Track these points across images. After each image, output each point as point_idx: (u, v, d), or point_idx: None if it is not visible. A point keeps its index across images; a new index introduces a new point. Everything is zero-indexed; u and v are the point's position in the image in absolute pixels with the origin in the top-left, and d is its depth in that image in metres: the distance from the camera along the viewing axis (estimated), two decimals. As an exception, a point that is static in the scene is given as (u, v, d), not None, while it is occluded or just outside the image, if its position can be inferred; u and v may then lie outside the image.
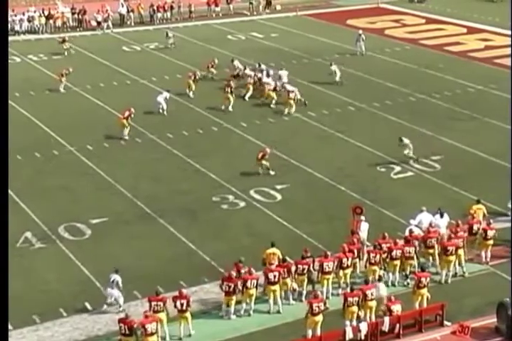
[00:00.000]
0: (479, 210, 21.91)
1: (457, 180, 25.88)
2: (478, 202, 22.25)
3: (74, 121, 31.81)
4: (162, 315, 17.70)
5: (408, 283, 19.66)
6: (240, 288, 18.49)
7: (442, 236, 20.75)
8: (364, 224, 21.11)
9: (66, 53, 41.27)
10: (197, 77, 34.73)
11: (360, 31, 41.45)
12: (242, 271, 18.82)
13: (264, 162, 26.45)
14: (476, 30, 46.17)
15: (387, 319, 17.72)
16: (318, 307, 17.45)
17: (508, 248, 21.50)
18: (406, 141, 27.45)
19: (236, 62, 36.62)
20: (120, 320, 17.14)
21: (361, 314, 17.92)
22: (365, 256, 19.97)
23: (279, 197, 25.13)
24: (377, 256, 19.61)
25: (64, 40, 41.88)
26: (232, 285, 18.35)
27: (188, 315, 17.97)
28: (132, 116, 30.05)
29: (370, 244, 20.73)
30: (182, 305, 17.86)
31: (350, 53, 41.06)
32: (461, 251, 20.24)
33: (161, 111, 32.20)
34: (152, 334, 17.02)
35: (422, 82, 36.56)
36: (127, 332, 16.97)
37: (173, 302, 17.87)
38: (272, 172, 26.36)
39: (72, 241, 22.44)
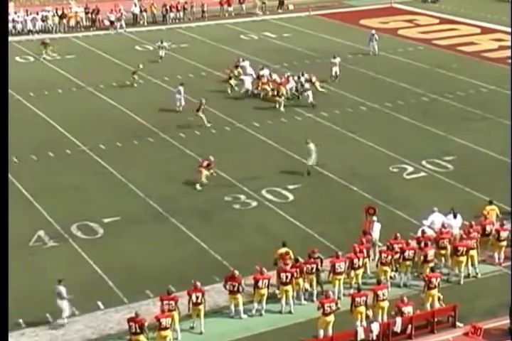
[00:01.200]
0: (492, 211, 21.83)
1: (470, 180, 25.79)
2: (491, 202, 22.16)
3: (87, 121, 31.91)
4: (174, 314, 17.73)
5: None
6: (244, 286, 18.49)
7: (455, 236, 20.69)
8: (376, 224, 21.08)
9: (42, 59, 40.26)
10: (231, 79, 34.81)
11: (373, 31, 41.38)
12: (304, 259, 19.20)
13: (206, 172, 25.50)
14: (490, 30, 45.99)
15: (399, 319, 17.69)
16: (330, 307, 17.45)
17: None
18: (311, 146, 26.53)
19: (246, 63, 36.39)
20: (130, 319, 17.19)
21: (370, 313, 17.88)
22: (377, 256, 19.97)
23: (291, 197, 25.13)
24: (389, 257, 19.58)
25: (44, 43, 40.87)
26: (236, 285, 18.38)
27: (202, 307, 18.04)
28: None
29: (382, 245, 20.71)
30: (197, 297, 17.94)
31: (362, 53, 40.99)
32: (474, 252, 20.17)
33: (178, 104, 32.37)
34: (166, 328, 17.10)
35: (434, 82, 36.46)
36: (137, 330, 17.02)
37: (189, 296, 17.96)
38: (198, 188, 25.17)
39: (84, 240, 22.53)
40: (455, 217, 21.35)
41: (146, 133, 30.37)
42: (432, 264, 19.70)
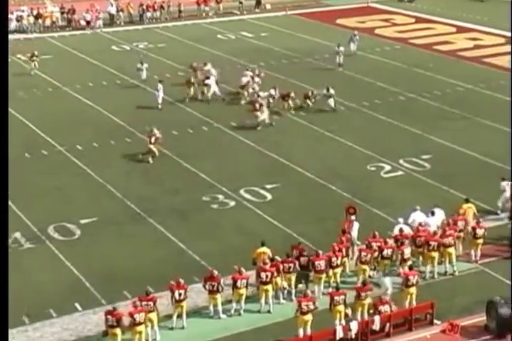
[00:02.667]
0: (469, 209, 21.97)
1: (447, 179, 25.94)
2: (467, 201, 22.30)
3: (63, 121, 31.71)
4: (153, 315, 17.68)
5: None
6: (223, 286, 18.49)
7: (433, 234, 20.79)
8: (355, 223, 21.14)
9: (32, 72, 37.49)
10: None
11: (356, 32, 41.21)
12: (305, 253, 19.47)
13: (152, 147, 27.26)
14: (465, 29, 46.31)
15: (377, 318, 17.74)
16: (307, 306, 17.47)
17: (497, 246, 21.58)
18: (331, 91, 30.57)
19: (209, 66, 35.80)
20: (107, 312, 17.18)
21: (348, 312, 17.94)
22: (356, 255, 20.01)
23: (269, 196, 25.12)
24: (368, 255, 19.63)
25: (33, 56, 37.79)
26: (215, 284, 18.37)
27: (184, 304, 18.11)
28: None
29: (360, 243, 20.77)
30: (180, 294, 18.02)
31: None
32: (451, 250, 20.29)
33: (160, 101, 32.47)
34: (140, 323, 17.09)
35: (411, 81, 36.65)
36: (115, 323, 17.03)
37: (171, 293, 17.99)
38: (151, 161, 27.15)
39: (61, 241, 22.37)
40: (433, 214, 21.45)
41: (123, 134, 30.24)
42: (409, 262, 19.78)
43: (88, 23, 47.38)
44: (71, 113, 32.72)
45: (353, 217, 21.25)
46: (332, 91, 32.19)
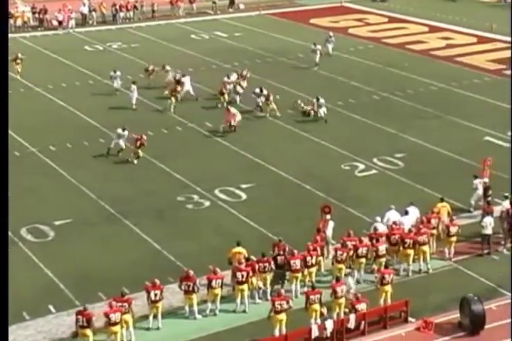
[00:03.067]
0: (444, 208, 22.12)
1: (421, 177, 26.10)
2: (442, 200, 22.45)
3: (36, 122, 31.44)
4: (128, 317, 17.60)
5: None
6: (199, 286, 18.47)
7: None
8: (330, 222, 21.20)
9: (19, 77, 36.15)
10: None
11: (331, 33, 40.92)
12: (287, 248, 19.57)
13: (139, 151, 27.15)
14: (438, 28, 46.66)
15: (352, 316, 17.81)
16: (281, 305, 17.48)
17: (471, 244, 21.78)
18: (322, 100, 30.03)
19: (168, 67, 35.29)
20: (78, 312, 17.09)
21: (324, 311, 17.99)
22: (332, 254, 20.06)
23: (244, 196, 25.12)
24: (344, 254, 19.69)
25: (16, 59, 36.39)
26: (191, 284, 18.33)
27: (160, 304, 18.06)
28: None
29: (335, 243, 20.84)
30: (156, 295, 17.95)
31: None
32: (425, 248, 20.43)
33: (134, 102, 32.34)
34: (116, 323, 17.03)
35: (385, 80, 36.85)
36: (85, 324, 16.95)
37: (147, 293, 17.95)
38: (135, 161, 27.15)
39: (35, 243, 22.18)
40: (406, 213, 21.57)
41: (97, 134, 30.05)
42: (383, 259, 19.88)
43: (60, 23, 47.04)
44: (44, 114, 32.46)
45: (328, 216, 21.31)
46: (322, 100, 31.34)
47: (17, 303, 18.95)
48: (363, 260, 19.99)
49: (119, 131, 28.02)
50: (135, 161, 27.24)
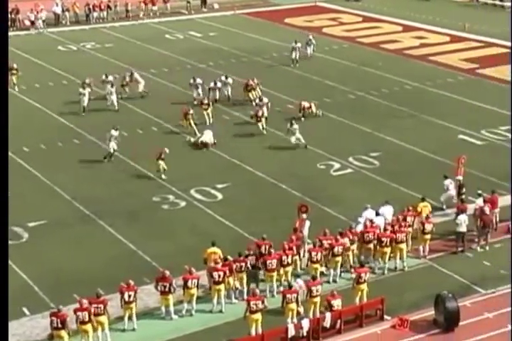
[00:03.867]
0: (425, 208, 22.23)
1: (396, 176, 26.22)
2: (423, 199, 22.49)
3: (9, 122, 31.02)
4: (103, 318, 17.49)
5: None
6: (175, 287, 18.41)
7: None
8: (306, 222, 21.22)
9: (17, 88, 34.37)
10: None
11: (310, 36, 40.27)
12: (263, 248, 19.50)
13: (160, 162, 25.93)
14: (412, 28, 46.94)
15: (328, 315, 17.85)
16: (256, 305, 17.47)
17: (445, 241, 21.92)
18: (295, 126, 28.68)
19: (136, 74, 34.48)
20: (52, 314, 17.00)
21: (301, 310, 18.00)
22: (307, 255, 20.01)
23: (220, 196, 25.07)
24: (319, 254, 19.71)
25: (12, 69, 33.87)
26: (167, 285, 18.27)
27: (133, 305, 18.00)
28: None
29: (310, 242, 20.85)
30: (130, 296, 17.90)
31: (288, 51, 41.07)
32: (403, 246, 20.51)
33: (109, 103, 32.20)
34: (85, 322, 17.03)
35: (360, 79, 36.98)
36: (59, 325, 16.86)
37: (121, 294, 17.91)
38: (163, 176, 25.76)
39: (8, 245, 21.90)
40: (377, 215, 21.57)
41: (71, 135, 29.84)
42: (338, 258, 19.83)
43: (32, 23, 46.70)
44: (17, 115, 32.00)
45: (304, 216, 21.33)
46: (296, 126, 29.18)
47: (-10, 306, 18.77)
48: (339, 259, 20.02)
49: (113, 132, 27.53)
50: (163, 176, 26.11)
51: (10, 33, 45.40)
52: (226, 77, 33.46)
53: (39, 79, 36.63)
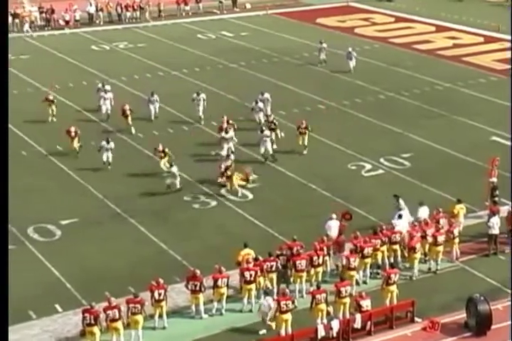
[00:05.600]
0: (461, 210, 22.06)
1: (427, 177, 26.06)
2: (459, 201, 22.27)
3: (42, 121, 31.45)
4: (140, 318, 17.59)
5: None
6: (205, 286, 18.49)
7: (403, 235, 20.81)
8: (334, 222, 21.20)
9: (51, 119, 31.51)
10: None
11: (350, 49, 38.04)
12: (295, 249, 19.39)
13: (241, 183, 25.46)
14: (444, 28, 46.55)
15: (358, 316, 17.80)
16: (286, 305, 17.47)
17: (477, 244, 21.73)
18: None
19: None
20: (85, 310, 17.13)
21: (330, 310, 17.96)
22: (344, 261, 19.73)
23: (250, 196, 25.12)
24: (357, 260, 19.55)
25: (48, 100, 31.72)
26: (198, 284, 18.35)
27: (164, 304, 18.08)
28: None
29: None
30: (160, 294, 17.98)
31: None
32: (440, 248, 20.39)
33: (153, 112, 31.32)
34: (115, 320, 17.12)
35: (391, 80, 36.81)
36: (92, 321, 17.00)
37: (151, 293, 17.99)
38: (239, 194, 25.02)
39: (41, 242, 22.24)
40: (400, 217, 21.38)
41: (104, 134, 29.97)
42: (367, 259, 19.77)
43: (67, 22, 47.18)
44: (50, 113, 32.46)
45: (333, 216, 21.32)
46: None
47: (23, 302, 19.06)
48: (368, 260, 19.95)
49: (103, 143, 26.77)
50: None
51: (44, 33, 46.14)
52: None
53: (73, 78, 36.98)
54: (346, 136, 29.85)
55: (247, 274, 18.67)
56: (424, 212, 21.75)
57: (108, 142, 26.92)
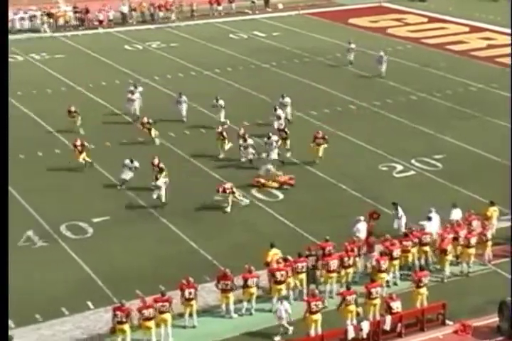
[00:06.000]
0: (495, 212, 21.87)
1: (459, 179, 25.85)
2: (492, 204, 22.05)
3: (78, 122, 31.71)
4: (167, 316, 17.69)
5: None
6: (236, 285, 18.53)
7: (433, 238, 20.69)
8: (362, 224, 21.15)
9: (81, 131, 30.20)
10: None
11: (382, 53, 37.62)
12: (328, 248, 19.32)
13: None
14: (478, 29, 46.13)
15: (388, 318, 17.72)
16: (316, 305, 17.47)
17: (510, 247, 21.50)
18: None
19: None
20: (116, 308, 17.26)
21: (360, 311, 17.91)
22: (373, 262, 19.66)
23: (281, 196, 25.15)
24: (387, 262, 19.47)
25: (71, 112, 30.50)
26: (229, 283, 18.42)
27: (194, 303, 18.17)
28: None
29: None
30: (190, 293, 18.06)
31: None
32: (472, 250, 20.25)
33: (184, 113, 31.20)
34: (149, 319, 17.21)
35: (423, 80, 36.57)
36: (124, 319, 17.14)
37: (181, 291, 18.10)
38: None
39: (74, 239, 22.47)
40: (429, 219, 21.25)
41: (136, 133, 30.18)
42: (396, 261, 19.70)
43: (101, 22, 47.61)
44: (83, 112, 32.69)
45: (361, 218, 21.27)
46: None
47: (56, 299, 19.29)
48: (397, 262, 19.84)
49: (127, 161, 25.49)
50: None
51: (79, 32, 46.61)
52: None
53: (106, 77, 37.31)
54: (377, 137, 29.73)
55: (278, 274, 18.67)
56: (456, 214, 21.60)
57: (132, 161, 25.49)
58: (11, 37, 44.69)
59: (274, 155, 26.88)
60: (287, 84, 34.82)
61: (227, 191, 23.96)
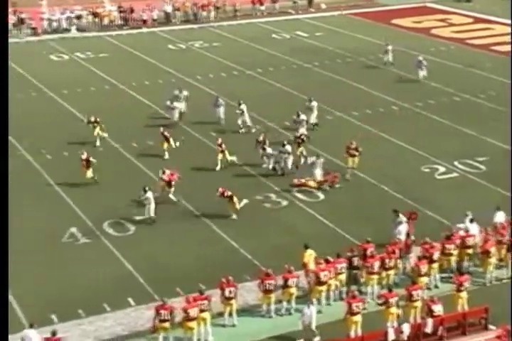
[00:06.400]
0: None
1: (502, 182, 25.52)
2: None
3: (119, 117, 32.06)
4: (207, 315, 17.78)
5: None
6: (278, 284, 18.55)
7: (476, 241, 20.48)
8: (404, 225, 21.01)
9: (98, 143, 29.18)
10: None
11: (420, 57, 36.75)
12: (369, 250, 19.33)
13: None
14: (524, 29, 45.45)
15: (430, 320, 17.60)
16: (357, 307, 17.42)
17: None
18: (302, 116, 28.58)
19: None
20: (159, 306, 17.39)
21: (400, 313, 17.79)
22: (412, 263, 19.58)
23: (321, 196, 25.12)
24: (426, 266, 19.33)
25: (91, 122, 29.44)
26: (272, 283, 18.44)
27: (234, 302, 18.23)
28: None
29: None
30: (230, 292, 18.14)
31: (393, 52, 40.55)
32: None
33: (222, 116, 30.97)
34: (193, 319, 17.30)
35: (466, 81, 36.19)
36: (167, 317, 17.26)
37: (221, 290, 18.19)
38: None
39: (116, 237, 22.73)
40: (471, 222, 21.02)
41: (179, 132, 30.35)
42: (436, 264, 19.51)
43: (144, 21, 48.04)
44: (125, 110, 33.10)
45: (404, 219, 21.14)
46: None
47: (98, 295, 19.54)
48: (436, 265, 19.67)
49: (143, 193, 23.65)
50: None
51: (123, 32, 47.10)
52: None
53: (149, 76, 37.64)
54: (419, 138, 29.50)
55: (321, 275, 18.62)
56: (500, 217, 21.34)
57: (145, 191, 23.51)
58: (57, 36, 45.64)
59: (289, 164, 26.47)
60: (329, 85, 34.77)
61: (226, 194, 23.59)
